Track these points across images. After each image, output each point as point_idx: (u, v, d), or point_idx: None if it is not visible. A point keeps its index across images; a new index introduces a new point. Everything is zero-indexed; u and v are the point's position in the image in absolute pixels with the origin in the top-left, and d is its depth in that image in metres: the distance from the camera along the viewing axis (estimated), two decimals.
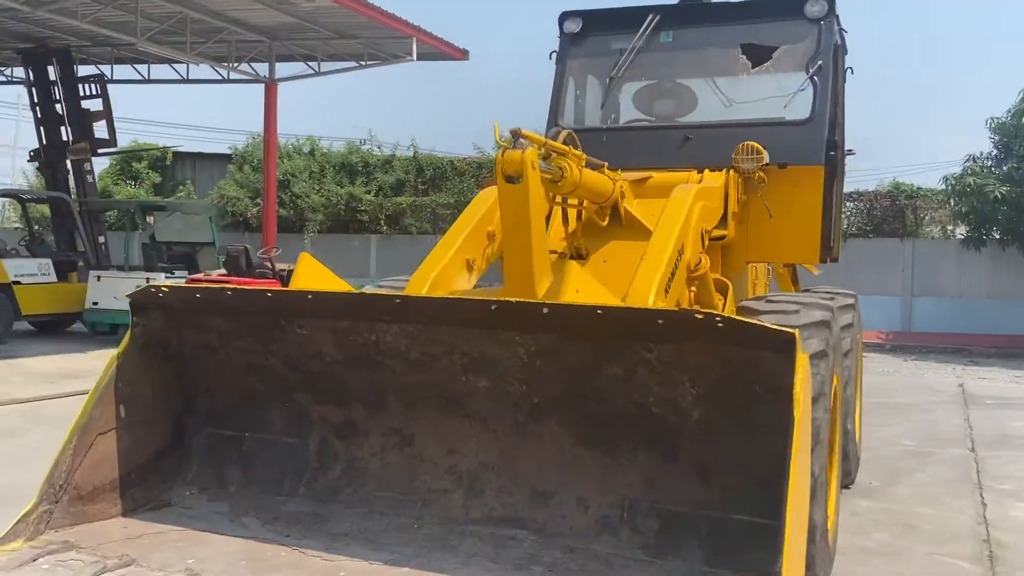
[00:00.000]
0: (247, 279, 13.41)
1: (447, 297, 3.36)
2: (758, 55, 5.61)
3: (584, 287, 4.10)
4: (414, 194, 24.86)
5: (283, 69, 18.52)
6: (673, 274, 4.29)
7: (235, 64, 17.67)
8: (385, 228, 24.58)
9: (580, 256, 5.15)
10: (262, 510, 3.79)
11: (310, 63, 18.55)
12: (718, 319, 2.67)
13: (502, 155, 3.96)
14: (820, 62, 5.43)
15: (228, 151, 26.73)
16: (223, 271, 14.62)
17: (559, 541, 3.37)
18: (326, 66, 18.46)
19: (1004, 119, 16.83)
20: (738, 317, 2.66)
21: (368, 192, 24.12)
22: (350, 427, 3.88)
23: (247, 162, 25.60)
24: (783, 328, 2.68)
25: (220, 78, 18.84)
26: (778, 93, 5.67)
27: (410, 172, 24.99)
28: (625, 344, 3.08)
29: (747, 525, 3.15)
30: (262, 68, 18.35)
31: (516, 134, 4.05)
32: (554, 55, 6.24)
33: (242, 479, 4.00)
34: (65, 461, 3.50)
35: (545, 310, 2.91)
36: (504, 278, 4.25)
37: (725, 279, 5.23)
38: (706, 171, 5.33)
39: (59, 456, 3.49)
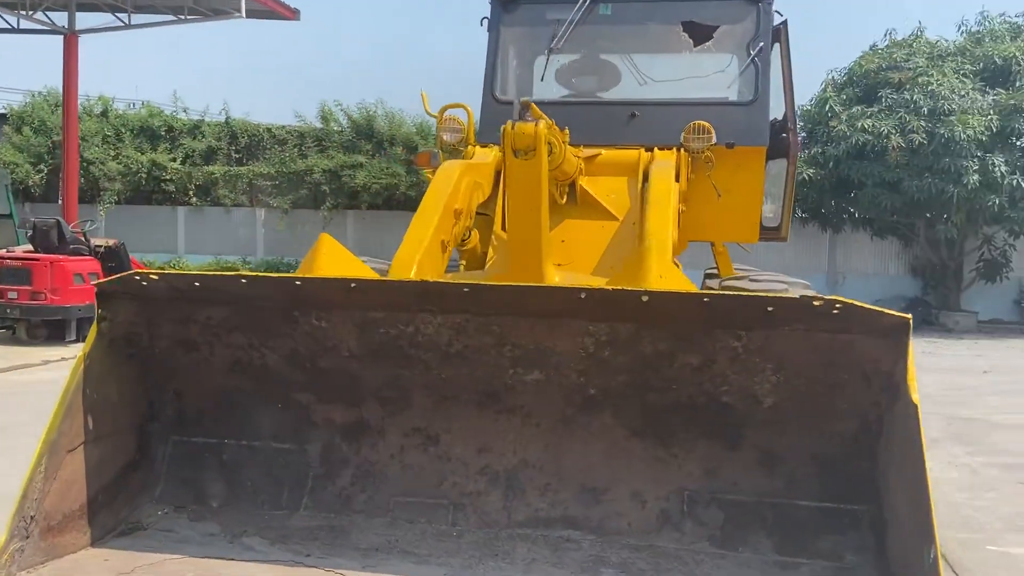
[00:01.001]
0: (62, 256, 11.98)
1: (528, 286, 3.06)
2: (699, 33, 5.61)
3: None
4: (227, 163, 23.33)
5: (86, 20, 16.61)
6: None
7: (29, 12, 15.59)
8: (195, 200, 22.92)
9: None
10: (263, 527, 3.32)
11: (119, 14, 16.73)
12: (837, 305, 2.59)
13: (512, 128, 3.69)
14: (762, 43, 5.51)
15: (2, 111, 23.82)
16: (28, 247, 12.99)
17: (620, 540, 3.19)
18: (138, 18, 16.74)
19: (809, 107, 18.24)
20: (855, 302, 2.59)
21: (174, 160, 22.34)
22: (361, 428, 3.48)
23: (26, 123, 22.90)
24: (896, 313, 2.64)
25: (10, 27, 16.59)
26: (718, 73, 5.71)
27: (222, 139, 23.41)
28: (712, 332, 2.94)
29: (814, 511, 3.13)
30: (60, 17, 16.33)
31: (526, 106, 3.79)
32: (485, 22, 5.93)
33: (226, 493, 3.49)
34: (35, 488, 2.88)
35: (645, 298, 2.70)
36: (506, 258, 3.98)
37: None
38: (655, 149, 5.27)
39: (28, 482, 2.86)
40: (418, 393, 3.38)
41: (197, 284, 3.04)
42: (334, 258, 3.48)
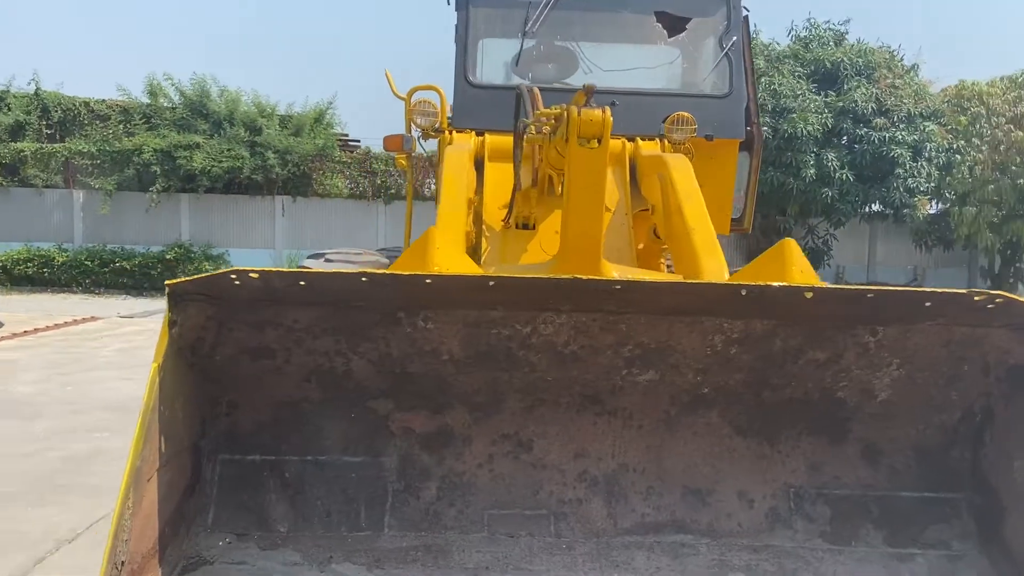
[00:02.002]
0: None
1: (690, 282, 2.88)
2: (673, 25, 5.61)
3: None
4: (38, 140, 21.15)
5: None
6: None
7: None
8: (1, 180, 20.65)
9: (527, 226, 4.79)
10: (351, 552, 2.98)
11: None
12: (998, 299, 2.63)
13: (578, 114, 3.51)
14: (735, 38, 5.59)
15: None
16: None
17: (735, 541, 3.12)
18: None
19: None
20: (1016, 297, 2.63)
21: None
22: (444, 436, 3.19)
23: None
24: None
25: None
26: (688, 65, 5.75)
27: (32, 113, 21.19)
28: (849, 327, 2.91)
29: (916, 501, 3.20)
30: None
31: (590, 91, 3.62)
32: (453, 2, 5.65)
33: (293, 516, 3.10)
34: (124, 527, 2.41)
35: (809, 294, 2.63)
36: (560, 251, 3.79)
37: None
38: (637, 139, 5.23)
39: (118, 519, 2.39)
40: (512, 397, 3.15)
41: (302, 283, 2.65)
42: (446, 253, 3.16)
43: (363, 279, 2.65)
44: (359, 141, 23.48)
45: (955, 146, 18.82)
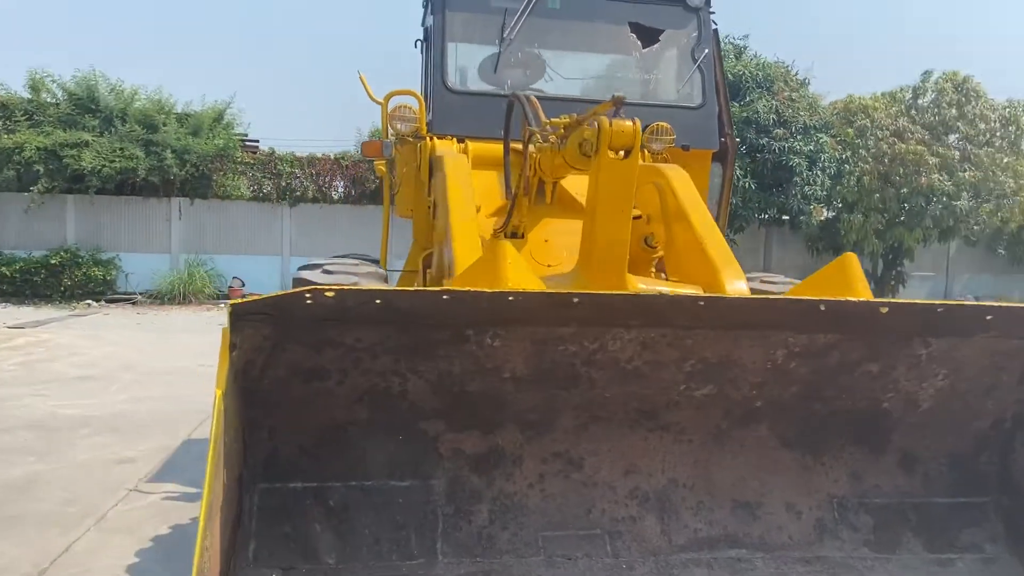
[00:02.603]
0: None
1: (772, 298, 2.84)
2: (646, 36, 5.65)
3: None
4: None
5: None
6: None
7: None
8: None
9: (516, 235, 4.72)
10: None
11: None
12: None
13: (609, 126, 3.48)
14: (706, 50, 5.67)
15: None
16: None
17: (788, 554, 3.14)
18: None
19: None
20: None
21: None
22: (495, 456, 3.08)
23: None
24: None
25: None
26: (661, 76, 5.80)
27: None
28: (906, 340, 2.97)
29: (949, 507, 3.30)
30: None
31: (620, 102, 3.59)
32: (429, 4, 5.51)
33: (340, 546, 2.92)
34: (204, 568, 2.21)
35: (884, 309, 2.67)
36: (583, 262, 3.73)
37: None
38: None
39: (199, 559, 2.19)
40: (567, 415, 3.07)
41: (378, 302, 2.49)
42: (517, 268, 3.03)
43: (444, 297, 2.53)
44: (258, 142, 22.73)
45: (844, 157, 19.82)
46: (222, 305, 18.48)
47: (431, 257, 5.20)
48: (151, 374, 10.03)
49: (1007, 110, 20.79)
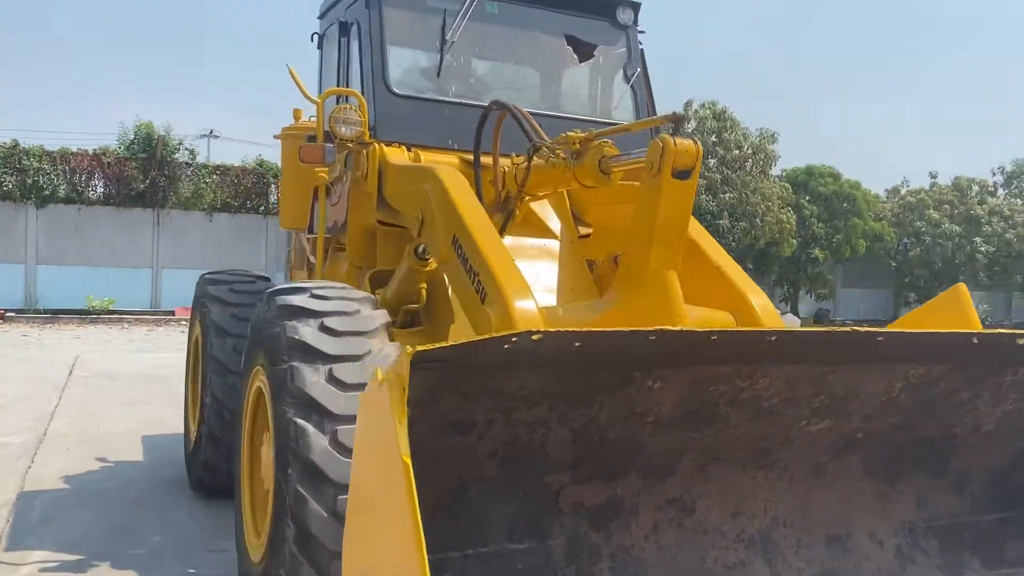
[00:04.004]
0: None
1: (935, 332, 2.71)
2: (582, 50, 5.51)
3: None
4: None
5: None
6: None
7: None
8: None
9: None
10: None
11: None
12: None
13: (675, 145, 3.32)
14: (638, 69, 5.64)
15: None
16: None
17: None
18: None
19: None
20: None
21: None
22: (613, 508, 2.78)
23: None
24: None
25: None
26: (596, 93, 5.69)
27: None
28: (1000, 368, 3.05)
29: (994, 522, 3.45)
30: None
31: (679, 120, 3.43)
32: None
33: None
34: None
35: (1022, 340, 2.72)
36: (629, 287, 3.50)
37: None
38: None
39: None
40: (688, 458, 2.84)
41: (578, 344, 2.12)
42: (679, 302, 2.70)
43: (651, 337, 2.22)
44: None
45: None
46: None
47: (378, 278, 4.71)
48: None
49: (758, 139, 23.08)
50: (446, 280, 4.37)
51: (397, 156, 4.66)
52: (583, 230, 5.10)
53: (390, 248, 4.84)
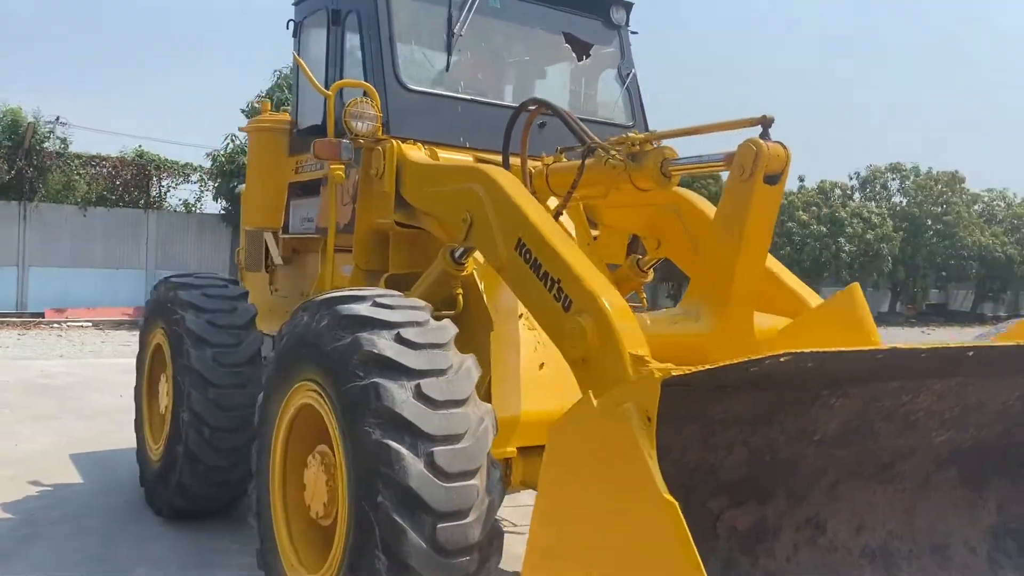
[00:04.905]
0: None
1: None
2: (579, 48, 5.37)
3: None
4: None
5: None
6: None
7: None
8: None
9: None
10: None
11: None
12: None
13: (768, 149, 3.24)
14: (632, 69, 5.55)
15: None
16: None
17: None
18: None
19: (257, 103, 17.69)
20: None
21: None
22: (761, 530, 2.66)
23: None
24: None
25: None
26: (593, 92, 5.56)
27: None
28: None
29: None
30: None
31: (770, 122, 3.34)
32: None
33: None
34: None
35: None
36: (716, 298, 3.38)
37: None
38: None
39: None
40: (829, 475, 2.76)
41: (809, 365, 1.98)
42: None
43: (878, 355, 2.11)
44: None
45: None
46: None
47: (391, 283, 4.39)
48: None
49: None
50: (480, 286, 4.13)
51: (416, 154, 4.37)
52: (595, 232, 4.98)
53: (405, 251, 4.55)
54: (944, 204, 29.71)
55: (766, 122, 3.32)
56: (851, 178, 36.56)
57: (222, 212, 18.39)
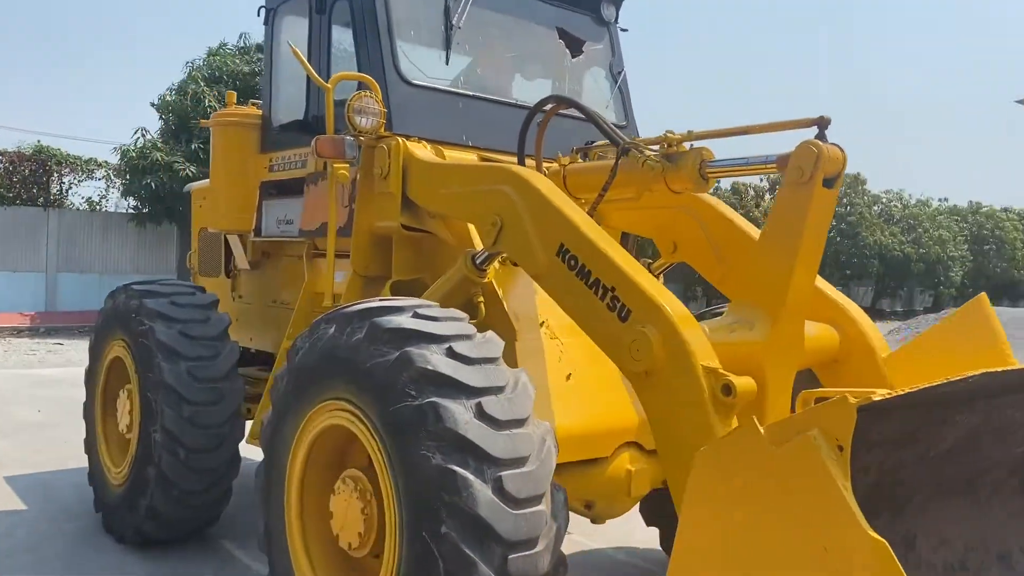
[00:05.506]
0: None
1: None
2: (573, 45, 5.19)
3: None
4: None
5: None
6: None
7: None
8: None
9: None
10: None
11: None
12: None
13: (828, 151, 3.14)
14: (623, 69, 5.41)
15: None
16: None
17: None
18: None
19: (169, 97, 16.79)
20: None
21: None
22: None
23: None
24: None
25: None
26: (582, 90, 5.38)
27: None
28: None
29: None
30: None
31: (827, 123, 3.24)
32: None
33: None
34: None
35: None
36: (772, 304, 3.24)
37: None
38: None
39: None
40: (926, 489, 2.67)
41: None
42: None
43: None
44: None
45: None
46: None
47: (396, 290, 4.10)
48: None
49: None
50: (500, 293, 3.90)
51: (424, 152, 4.10)
52: None
53: (410, 256, 4.26)
54: (848, 205, 30.82)
55: (823, 123, 3.21)
56: (761, 180, 37.65)
57: (131, 211, 17.38)
